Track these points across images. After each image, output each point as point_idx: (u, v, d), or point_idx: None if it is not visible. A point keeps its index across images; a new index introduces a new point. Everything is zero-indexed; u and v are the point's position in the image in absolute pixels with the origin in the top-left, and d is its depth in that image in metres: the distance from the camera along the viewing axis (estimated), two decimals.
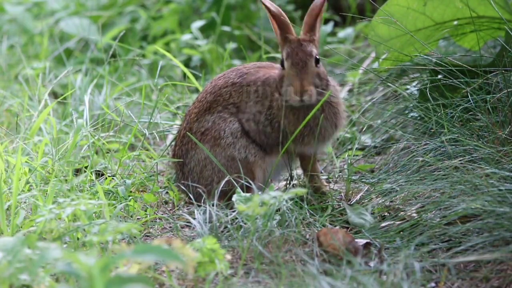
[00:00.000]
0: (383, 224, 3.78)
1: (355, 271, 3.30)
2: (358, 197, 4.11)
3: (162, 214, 4.14)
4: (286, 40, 4.02)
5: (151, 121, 4.62)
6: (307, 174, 4.09)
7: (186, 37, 6.22)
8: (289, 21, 4.05)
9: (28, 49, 6.79)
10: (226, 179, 3.86)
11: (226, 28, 6.33)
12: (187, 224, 3.90)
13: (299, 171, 4.25)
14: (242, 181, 3.87)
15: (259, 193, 3.60)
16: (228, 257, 3.31)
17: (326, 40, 6.03)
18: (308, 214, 3.87)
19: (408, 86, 4.65)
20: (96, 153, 4.61)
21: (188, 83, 4.99)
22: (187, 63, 6.09)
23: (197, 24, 6.29)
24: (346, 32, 6.29)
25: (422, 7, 4.39)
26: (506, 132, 3.98)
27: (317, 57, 3.94)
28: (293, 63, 3.93)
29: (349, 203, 4.04)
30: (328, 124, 4.00)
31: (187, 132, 4.07)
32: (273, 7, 4.05)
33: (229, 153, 3.96)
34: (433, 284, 3.34)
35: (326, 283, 3.20)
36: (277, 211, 3.60)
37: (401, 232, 3.65)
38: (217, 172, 3.96)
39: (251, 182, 3.85)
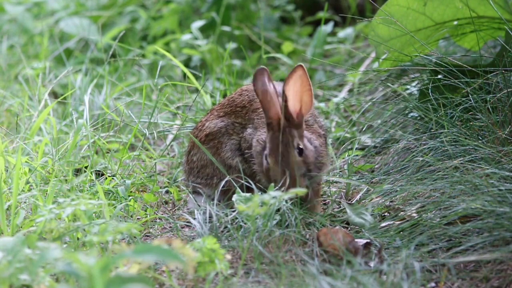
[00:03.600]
0: (383, 224, 3.78)
1: (355, 271, 3.30)
2: (358, 197, 4.11)
3: (162, 214, 4.15)
4: (268, 126, 3.76)
5: (151, 121, 4.62)
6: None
7: (186, 37, 6.22)
8: (274, 102, 3.74)
9: (28, 49, 6.79)
10: (226, 179, 3.86)
11: (226, 28, 6.33)
12: (187, 224, 3.90)
13: None
14: (242, 181, 3.86)
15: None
16: (228, 257, 3.31)
17: (326, 40, 6.03)
18: (308, 214, 3.87)
19: (408, 86, 4.65)
20: (96, 153, 4.61)
21: (188, 83, 4.99)
22: (187, 63, 6.09)
23: (197, 24, 6.29)
24: (346, 32, 6.29)
25: (422, 7, 4.39)
26: (506, 132, 3.98)
27: (300, 146, 3.73)
28: (276, 161, 3.72)
29: (349, 202, 4.04)
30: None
31: (189, 133, 4.06)
32: (258, 88, 3.76)
33: (228, 163, 3.96)
34: (433, 284, 3.34)
35: (326, 283, 3.20)
36: (277, 211, 3.60)
37: (401, 232, 3.65)
38: (218, 172, 3.96)
39: (251, 182, 3.84)
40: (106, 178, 4.26)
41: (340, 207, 4.03)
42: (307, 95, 3.75)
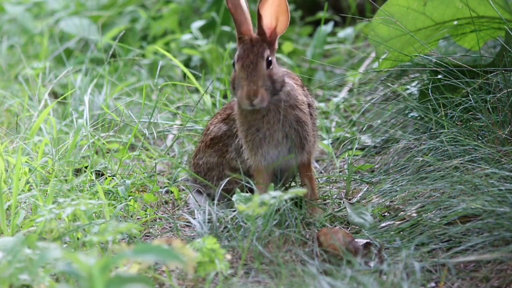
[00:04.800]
0: (383, 224, 3.78)
1: (355, 271, 3.30)
2: (358, 197, 4.11)
3: (162, 214, 4.15)
4: (240, 40, 3.81)
5: (151, 121, 4.62)
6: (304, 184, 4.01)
7: (186, 37, 6.22)
8: (246, 18, 3.83)
9: (28, 49, 6.79)
10: (227, 179, 3.86)
11: (226, 28, 6.33)
12: (187, 224, 3.90)
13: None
14: (243, 182, 3.86)
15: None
16: (228, 257, 3.31)
17: (326, 40, 6.03)
18: (308, 214, 3.87)
19: (408, 86, 4.65)
20: (96, 153, 4.61)
21: (188, 83, 4.99)
22: (187, 63, 6.09)
23: (197, 24, 6.29)
24: (346, 32, 6.29)
25: (422, 7, 4.39)
26: (506, 132, 3.98)
27: (270, 58, 3.76)
28: (243, 65, 3.74)
29: (349, 202, 4.04)
30: (290, 129, 3.83)
31: (196, 141, 4.06)
32: (231, 2, 3.84)
33: (233, 165, 3.96)
34: (433, 284, 3.34)
35: (326, 283, 3.20)
36: (277, 211, 3.60)
37: (401, 232, 3.65)
38: (224, 175, 3.96)
39: (252, 183, 3.84)
40: (106, 178, 4.26)
41: (340, 207, 4.03)
42: (284, 15, 3.79)
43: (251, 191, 3.79)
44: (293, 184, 4.12)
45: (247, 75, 3.73)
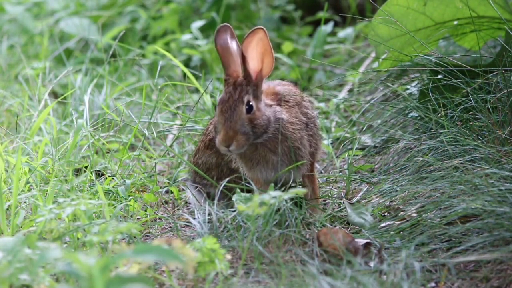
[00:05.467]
0: (383, 224, 3.78)
1: (355, 271, 3.30)
2: (358, 197, 4.11)
3: (162, 214, 4.15)
4: (225, 81, 3.77)
5: (151, 121, 4.62)
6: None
7: (186, 37, 6.22)
8: (234, 60, 3.77)
9: (28, 49, 6.79)
10: (227, 179, 3.86)
11: None
12: (187, 224, 3.90)
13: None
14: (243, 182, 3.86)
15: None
16: (228, 257, 3.31)
17: (326, 40, 6.03)
18: (308, 214, 3.87)
19: (408, 86, 4.65)
20: (96, 153, 4.61)
21: (188, 83, 4.99)
22: (187, 63, 6.09)
23: (197, 24, 6.29)
24: (346, 32, 6.28)
25: (422, 7, 4.39)
26: (506, 132, 3.98)
27: (251, 103, 3.72)
28: (222, 110, 3.72)
29: (350, 202, 4.04)
30: (283, 156, 3.81)
31: (196, 141, 4.06)
32: (219, 44, 3.79)
33: (231, 166, 3.96)
34: (433, 284, 3.34)
35: (326, 283, 3.20)
36: (277, 211, 3.60)
37: (401, 232, 3.65)
38: (223, 175, 3.96)
39: (252, 183, 3.84)
40: (106, 178, 4.26)
41: (340, 207, 4.03)
42: (268, 57, 3.75)
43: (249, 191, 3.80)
44: (293, 184, 4.12)
45: (225, 120, 3.71)
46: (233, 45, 3.78)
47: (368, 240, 3.57)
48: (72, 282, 3.19)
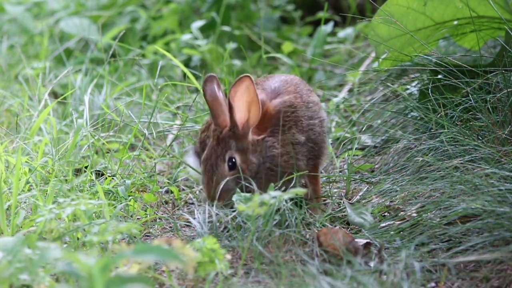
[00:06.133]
0: (383, 224, 3.78)
1: (355, 271, 3.30)
2: (358, 197, 4.11)
3: (162, 214, 4.15)
4: (213, 132, 3.77)
5: (151, 121, 4.62)
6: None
7: (186, 37, 6.22)
8: (223, 110, 3.74)
9: (28, 49, 6.79)
10: (226, 179, 3.85)
11: (226, 28, 6.33)
12: (187, 224, 3.90)
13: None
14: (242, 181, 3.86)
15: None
16: (228, 257, 3.31)
17: (326, 40, 6.03)
18: (308, 214, 3.87)
19: (408, 86, 4.65)
20: (96, 153, 4.61)
21: (188, 83, 4.99)
22: (187, 63, 6.08)
23: (197, 24, 6.29)
24: (346, 32, 6.28)
25: (422, 7, 4.39)
26: (506, 132, 3.98)
27: (234, 160, 3.72)
28: (205, 169, 3.74)
29: (350, 202, 4.04)
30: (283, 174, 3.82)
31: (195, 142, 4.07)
32: (208, 94, 3.76)
33: None
34: (433, 284, 3.34)
35: (326, 283, 3.20)
36: (277, 211, 3.60)
37: (401, 232, 3.65)
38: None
39: (252, 182, 3.84)
40: (106, 178, 4.26)
41: (340, 207, 4.03)
42: (255, 106, 3.72)
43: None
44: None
45: (207, 179, 3.73)
46: (220, 94, 3.76)
47: (368, 240, 3.57)
48: (72, 282, 3.19)
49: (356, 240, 3.54)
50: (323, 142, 3.98)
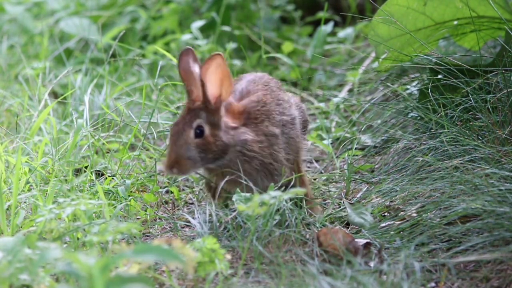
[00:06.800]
0: (383, 224, 3.78)
1: (355, 271, 3.30)
2: (358, 197, 4.11)
3: (162, 214, 4.15)
4: (186, 105, 3.77)
5: (151, 121, 4.62)
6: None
7: (186, 37, 6.22)
8: (197, 85, 3.72)
9: (28, 49, 6.78)
10: (226, 179, 3.85)
11: (226, 28, 6.33)
12: (187, 224, 3.90)
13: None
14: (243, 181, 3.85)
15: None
16: (228, 257, 3.31)
17: (326, 40, 6.03)
18: (308, 214, 3.87)
19: (408, 86, 4.65)
20: (96, 153, 4.61)
21: None
22: None
23: (197, 24, 6.28)
24: (346, 32, 6.28)
25: (422, 7, 4.39)
26: (506, 132, 3.98)
27: (202, 127, 3.70)
28: (171, 134, 3.71)
29: (350, 202, 4.04)
30: (253, 172, 3.77)
31: None
32: (182, 68, 3.75)
33: None
34: (433, 284, 3.34)
35: (326, 283, 3.20)
36: (277, 211, 3.60)
37: (401, 232, 3.65)
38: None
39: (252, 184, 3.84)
40: (106, 178, 4.26)
41: (340, 207, 4.03)
42: (227, 81, 3.72)
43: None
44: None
45: (171, 144, 3.70)
46: (196, 69, 3.75)
47: (368, 240, 3.57)
48: (72, 282, 3.19)
49: (356, 240, 3.54)
50: (298, 137, 3.94)
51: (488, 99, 4.10)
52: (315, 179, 4.39)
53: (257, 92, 3.90)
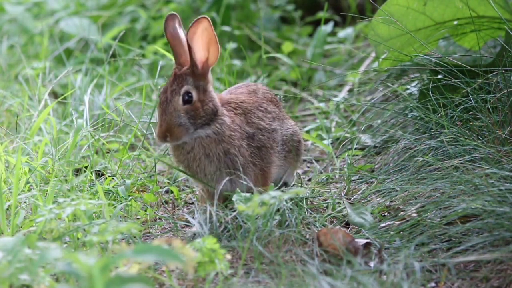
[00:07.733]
0: (383, 224, 3.78)
1: (355, 271, 3.30)
2: (358, 197, 4.11)
3: (162, 214, 4.15)
4: (173, 71, 3.77)
5: (151, 121, 4.62)
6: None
7: None
8: (184, 50, 3.73)
9: (28, 49, 6.78)
10: (226, 179, 3.84)
11: (226, 28, 6.33)
12: (187, 224, 3.90)
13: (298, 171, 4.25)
14: (243, 181, 3.85)
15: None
16: (228, 257, 3.31)
17: (326, 40, 6.03)
18: (308, 214, 3.87)
19: (408, 86, 4.65)
20: (96, 153, 4.61)
21: None
22: None
23: None
24: (346, 32, 6.29)
25: (422, 7, 4.39)
26: (506, 132, 3.98)
27: (190, 94, 3.70)
28: (160, 102, 3.72)
29: (350, 202, 4.04)
30: (219, 163, 3.77)
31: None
32: (169, 32, 3.78)
33: None
34: (433, 284, 3.34)
35: (326, 283, 3.20)
36: (277, 211, 3.60)
37: (401, 232, 3.65)
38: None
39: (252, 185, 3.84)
40: (106, 178, 4.26)
41: (340, 207, 4.02)
42: (214, 46, 3.72)
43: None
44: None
45: (161, 112, 3.70)
46: (181, 33, 3.76)
47: (368, 240, 3.57)
48: (72, 282, 3.19)
49: (356, 240, 3.54)
50: (273, 150, 3.90)
51: (488, 99, 4.10)
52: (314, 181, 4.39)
53: (243, 93, 3.93)
